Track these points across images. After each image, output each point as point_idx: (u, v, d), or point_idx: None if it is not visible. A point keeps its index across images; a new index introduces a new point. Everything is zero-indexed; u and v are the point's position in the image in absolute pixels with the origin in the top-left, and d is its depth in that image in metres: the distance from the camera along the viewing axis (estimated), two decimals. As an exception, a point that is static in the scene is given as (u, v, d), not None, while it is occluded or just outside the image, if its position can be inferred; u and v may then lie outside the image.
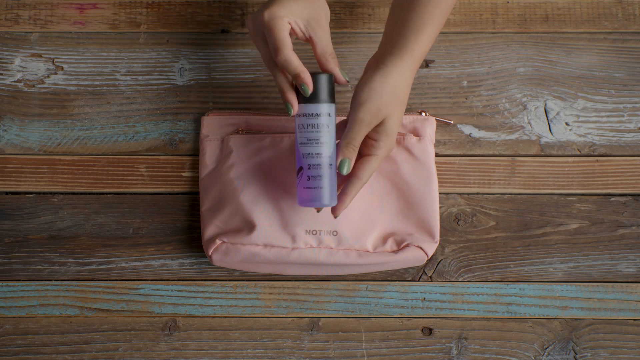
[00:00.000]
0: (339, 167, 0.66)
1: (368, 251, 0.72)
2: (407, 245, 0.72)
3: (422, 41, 0.68)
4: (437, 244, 0.74)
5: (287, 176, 0.73)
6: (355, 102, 0.66)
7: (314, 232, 0.72)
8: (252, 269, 0.75)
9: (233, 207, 0.73)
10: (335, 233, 0.72)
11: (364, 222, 0.73)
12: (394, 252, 0.72)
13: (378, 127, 0.67)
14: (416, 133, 0.75)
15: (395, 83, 0.66)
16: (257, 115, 0.76)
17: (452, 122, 0.78)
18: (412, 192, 0.74)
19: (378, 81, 0.66)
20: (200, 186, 0.76)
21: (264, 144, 0.75)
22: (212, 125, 0.76)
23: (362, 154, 0.68)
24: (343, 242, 0.72)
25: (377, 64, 0.67)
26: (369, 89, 0.66)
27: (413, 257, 0.73)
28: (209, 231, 0.74)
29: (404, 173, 0.74)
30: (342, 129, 0.69)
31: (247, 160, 0.74)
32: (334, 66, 0.67)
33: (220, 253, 0.72)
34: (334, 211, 0.68)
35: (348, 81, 0.68)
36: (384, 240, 0.73)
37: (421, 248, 0.73)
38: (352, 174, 0.67)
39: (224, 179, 0.74)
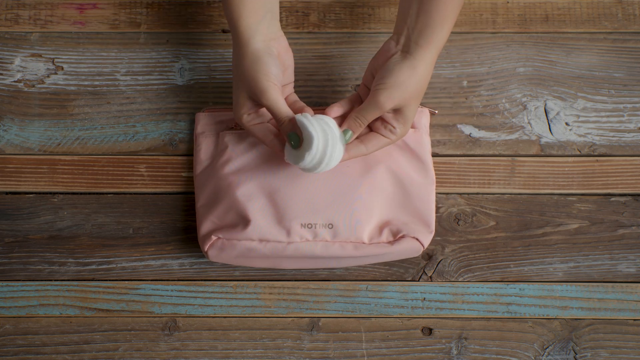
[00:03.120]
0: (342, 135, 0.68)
1: (364, 243, 0.72)
2: (403, 237, 0.72)
3: (446, 32, 0.68)
4: (433, 234, 0.74)
5: (281, 170, 0.73)
6: (380, 85, 0.66)
7: (309, 226, 0.72)
8: (248, 263, 0.75)
9: (228, 202, 0.73)
10: (330, 226, 0.72)
11: (360, 213, 0.73)
12: (390, 243, 0.72)
13: (397, 115, 0.68)
14: (412, 125, 0.76)
15: (422, 75, 0.67)
16: None
17: (437, 112, 0.78)
18: (409, 182, 0.74)
19: (406, 73, 0.66)
20: (195, 182, 0.76)
21: None
22: (207, 122, 0.77)
23: (376, 132, 0.69)
24: (339, 234, 0.72)
25: (403, 53, 0.67)
26: (396, 77, 0.66)
27: (409, 248, 0.73)
28: (204, 227, 0.74)
29: (400, 164, 0.74)
30: (357, 101, 0.70)
31: (242, 155, 0.74)
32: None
33: (216, 249, 0.72)
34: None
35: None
36: (380, 230, 0.73)
37: (417, 239, 0.73)
38: (358, 141, 0.69)
39: (219, 174, 0.74)
